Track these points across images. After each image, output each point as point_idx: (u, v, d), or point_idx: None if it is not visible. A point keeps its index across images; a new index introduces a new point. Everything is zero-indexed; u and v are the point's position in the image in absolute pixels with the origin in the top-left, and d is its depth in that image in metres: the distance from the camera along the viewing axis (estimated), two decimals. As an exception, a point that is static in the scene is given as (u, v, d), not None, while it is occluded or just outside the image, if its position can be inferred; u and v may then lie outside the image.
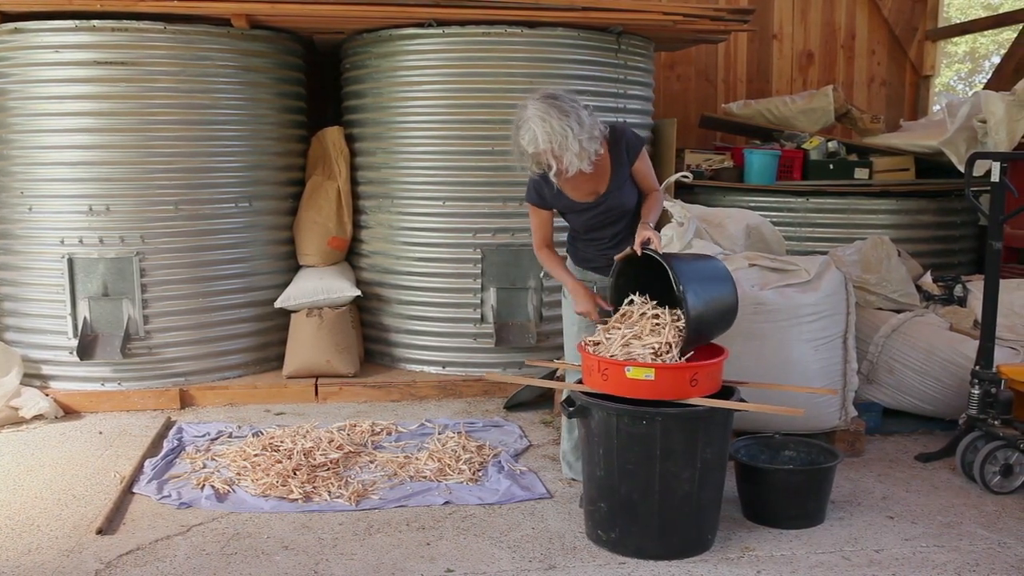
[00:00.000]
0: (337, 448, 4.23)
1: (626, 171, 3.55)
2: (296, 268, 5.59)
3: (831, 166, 6.12)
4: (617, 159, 3.51)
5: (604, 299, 3.52)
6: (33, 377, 5.10)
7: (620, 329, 3.32)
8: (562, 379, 4.34)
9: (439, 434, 4.49)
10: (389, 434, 4.55)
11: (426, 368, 5.48)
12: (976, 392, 4.04)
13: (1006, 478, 3.85)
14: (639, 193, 3.64)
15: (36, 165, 4.95)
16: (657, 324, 3.28)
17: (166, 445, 4.36)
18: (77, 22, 4.81)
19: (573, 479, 3.89)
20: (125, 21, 4.85)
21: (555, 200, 3.59)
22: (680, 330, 3.23)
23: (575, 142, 3.24)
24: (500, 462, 4.12)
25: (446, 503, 3.72)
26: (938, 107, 7.41)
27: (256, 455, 4.11)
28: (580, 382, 3.40)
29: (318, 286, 5.30)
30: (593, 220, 3.62)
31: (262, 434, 4.44)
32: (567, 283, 3.65)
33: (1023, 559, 3.26)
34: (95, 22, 4.82)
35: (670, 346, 3.21)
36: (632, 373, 3.15)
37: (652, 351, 3.20)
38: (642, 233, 3.38)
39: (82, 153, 4.92)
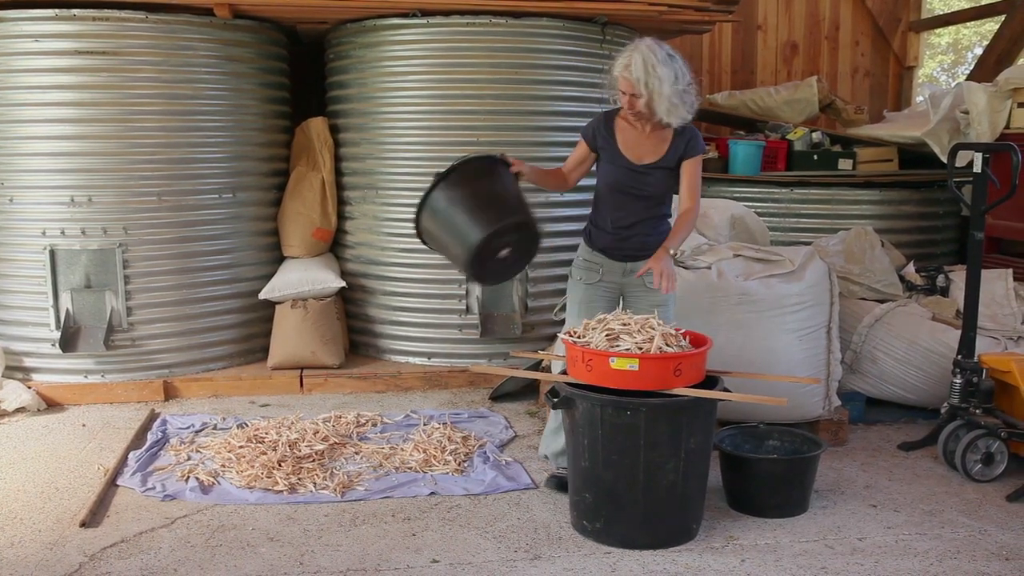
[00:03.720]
0: (322, 439, 4.22)
1: (675, 158, 3.61)
2: (280, 259, 5.57)
3: (815, 157, 6.14)
4: (676, 144, 3.59)
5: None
6: (15, 370, 5.07)
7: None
8: (548, 370, 4.36)
9: (424, 425, 4.49)
10: (374, 425, 4.55)
11: (411, 359, 5.47)
12: (958, 381, 4.07)
13: (987, 466, 3.88)
14: (673, 194, 3.69)
15: (17, 156, 4.90)
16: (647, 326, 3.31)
17: (150, 437, 4.34)
18: (57, 11, 4.77)
19: (546, 456, 3.93)
20: (106, 10, 4.81)
21: (604, 145, 3.66)
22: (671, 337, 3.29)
23: (667, 87, 3.40)
24: (486, 453, 4.12)
25: (432, 494, 3.72)
26: (921, 98, 7.45)
27: (241, 447, 4.10)
28: (565, 372, 3.42)
29: (303, 277, 5.28)
30: (623, 182, 3.64)
31: (247, 426, 4.43)
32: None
33: (1004, 546, 3.29)
34: (75, 11, 4.77)
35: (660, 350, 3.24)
36: (616, 364, 3.16)
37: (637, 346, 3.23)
38: (655, 264, 3.43)
39: (63, 144, 4.87)
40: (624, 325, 3.32)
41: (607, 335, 3.29)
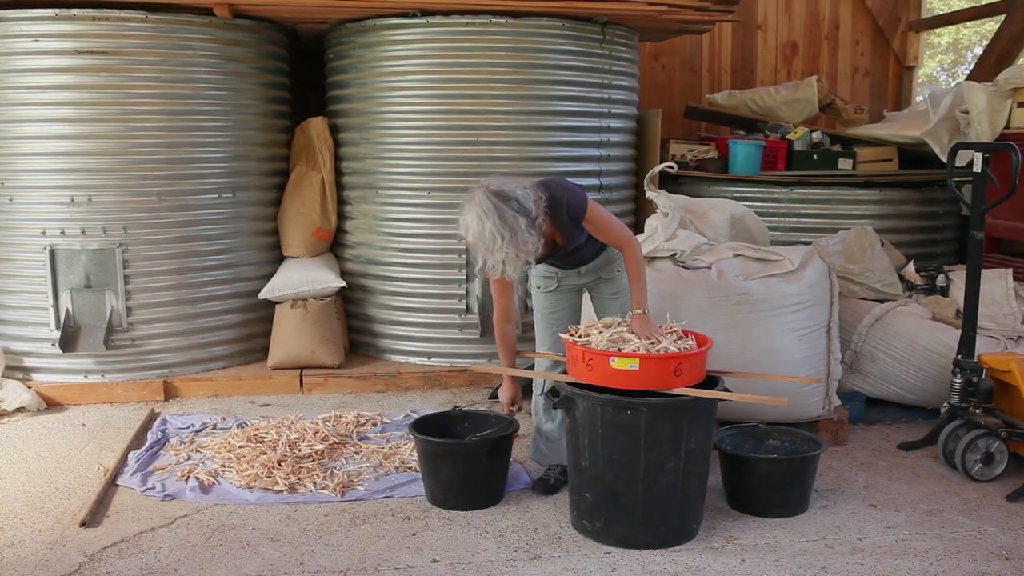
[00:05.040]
0: (322, 439, 4.22)
1: (573, 230, 3.46)
2: (280, 259, 5.57)
3: (815, 156, 6.14)
4: (563, 224, 3.42)
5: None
6: (15, 369, 5.07)
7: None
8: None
9: (424, 425, 4.49)
10: (374, 425, 4.55)
11: (411, 359, 5.47)
12: (958, 381, 4.07)
13: (987, 466, 3.88)
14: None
15: (17, 156, 4.90)
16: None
17: (150, 437, 4.34)
18: (57, 11, 4.77)
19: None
20: (106, 10, 4.81)
21: None
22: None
23: (502, 251, 3.18)
24: (485, 452, 4.12)
25: (432, 494, 3.72)
26: (921, 98, 7.45)
27: (241, 447, 4.10)
28: (564, 372, 3.42)
29: (303, 277, 5.28)
30: (553, 256, 3.60)
31: (247, 425, 4.43)
32: (504, 371, 3.73)
33: (1003, 546, 3.29)
34: (75, 11, 4.77)
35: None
36: (617, 363, 3.16)
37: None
38: (640, 332, 3.34)
39: (63, 144, 4.87)
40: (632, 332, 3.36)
41: (611, 338, 3.30)
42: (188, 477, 3.84)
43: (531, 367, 4.73)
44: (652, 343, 3.28)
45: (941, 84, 12.86)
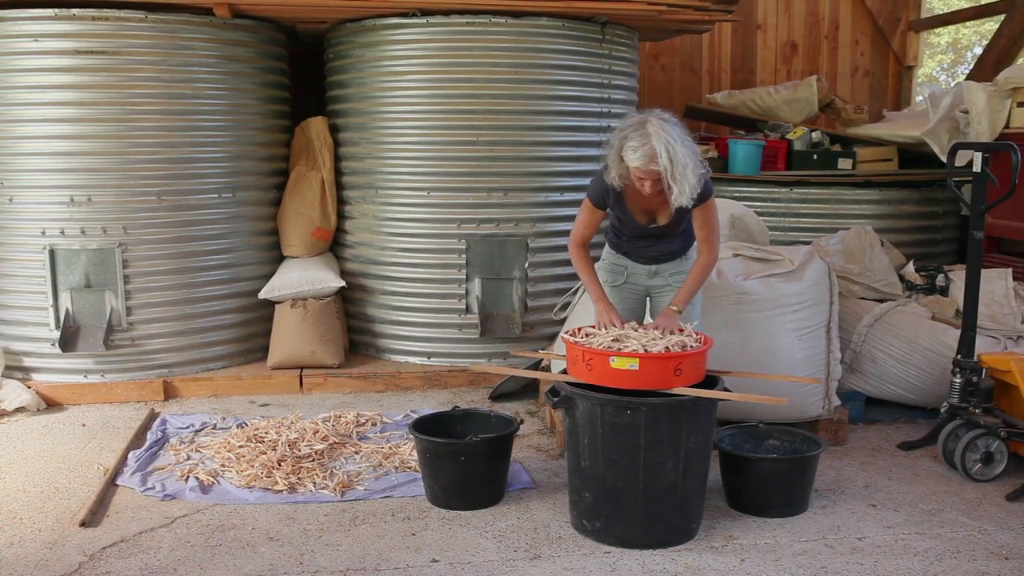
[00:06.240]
0: (322, 439, 4.22)
1: (687, 212, 3.51)
2: (280, 259, 5.57)
3: (815, 156, 6.14)
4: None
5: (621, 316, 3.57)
6: (15, 369, 5.07)
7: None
8: (547, 369, 4.36)
9: (424, 425, 4.48)
10: (374, 425, 4.55)
11: (411, 359, 5.47)
12: (957, 381, 4.07)
13: (987, 466, 3.88)
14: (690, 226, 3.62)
15: (16, 155, 4.90)
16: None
17: (150, 437, 4.34)
18: (57, 11, 4.77)
19: None
20: (105, 10, 4.81)
21: (615, 206, 3.58)
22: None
23: (692, 175, 3.24)
24: (485, 452, 4.12)
25: (431, 493, 3.72)
26: (921, 98, 7.45)
27: (240, 446, 4.10)
28: (565, 371, 3.42)
29: (302, 277, 5.28)
30: (641, 232, 3.63)
31: (246, 425, 4.43)
32: (592, 292, 3.63)
33: (1003, 545, 3.29)
34: (75, 11, 4.77)
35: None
36: (616, 363, 3.17)
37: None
38: (661, 323, 3.43)
39: (63, 144, 4.87)
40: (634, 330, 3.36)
41: (612, 337, 3.31)
42: (188, 477, 3.84)
43: (533, 366, 4.74)
44: (653, 340, 3.28)
45: (941, 84, 12.86)
